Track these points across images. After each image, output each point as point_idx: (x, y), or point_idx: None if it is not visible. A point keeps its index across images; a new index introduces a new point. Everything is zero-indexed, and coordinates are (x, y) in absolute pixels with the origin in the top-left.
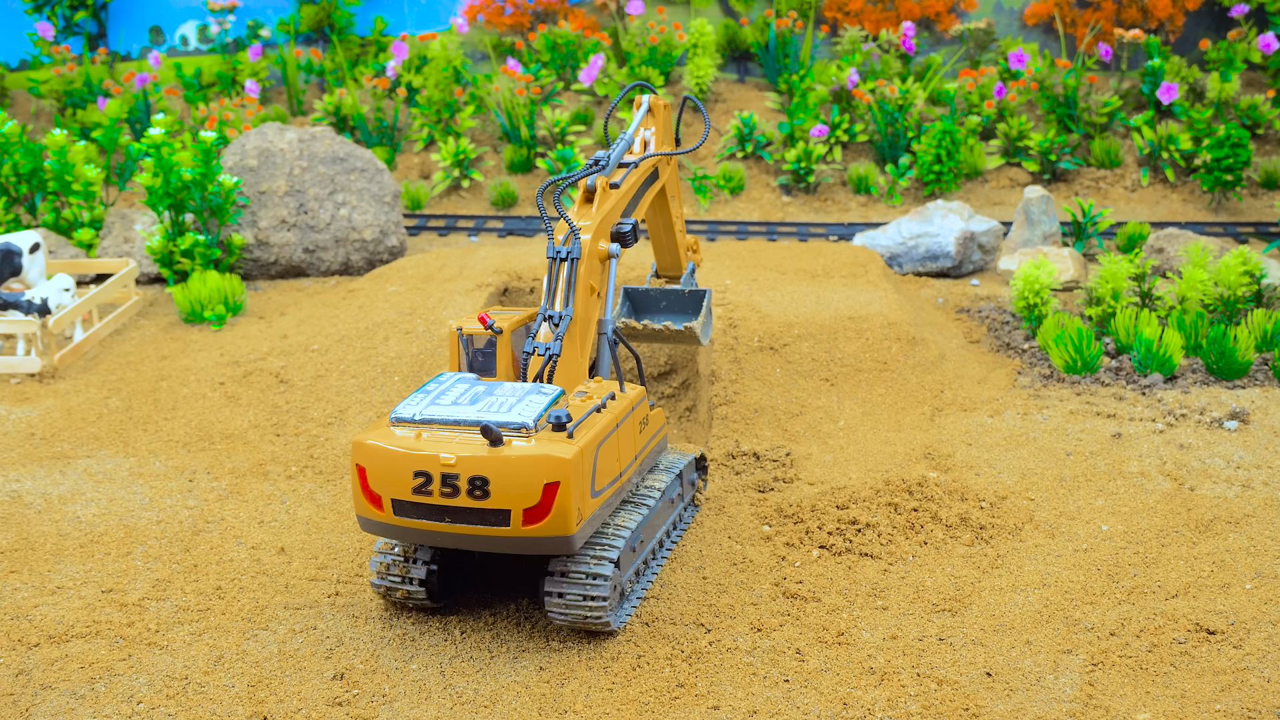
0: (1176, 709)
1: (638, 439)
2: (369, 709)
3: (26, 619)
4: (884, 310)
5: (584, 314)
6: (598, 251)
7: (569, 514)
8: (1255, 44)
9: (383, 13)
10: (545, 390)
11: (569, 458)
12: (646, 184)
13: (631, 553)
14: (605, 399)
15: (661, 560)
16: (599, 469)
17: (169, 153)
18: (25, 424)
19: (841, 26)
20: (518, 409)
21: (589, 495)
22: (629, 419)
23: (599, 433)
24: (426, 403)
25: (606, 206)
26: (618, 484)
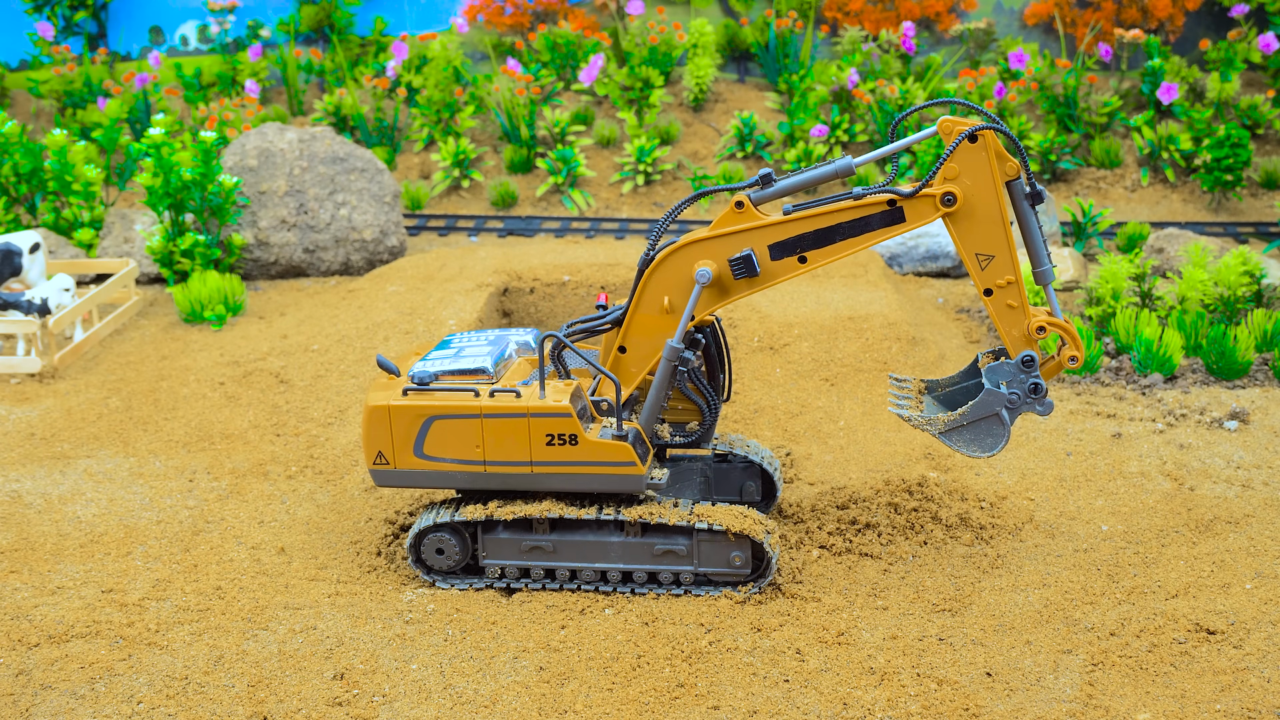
0: (1176, 709)
1: (526, 445)
2: (369, 709)
3: (26, 619)
4: (884, 310)
5: (640, 321)
6: (679, 265)
7: (372, 450)
8: (1255, 44)
9: (383, 13)
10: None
11: (379, 405)
12: (848, 230)
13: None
14: (513, 387)
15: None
16: (432, 438)
17: (169, 153)
18: (25, 424)
19: (841, 26)
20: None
21: (410, 453)
22: (511, 419)
23: (442, 405)
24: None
25: (729, 228)
26: (465, 467)
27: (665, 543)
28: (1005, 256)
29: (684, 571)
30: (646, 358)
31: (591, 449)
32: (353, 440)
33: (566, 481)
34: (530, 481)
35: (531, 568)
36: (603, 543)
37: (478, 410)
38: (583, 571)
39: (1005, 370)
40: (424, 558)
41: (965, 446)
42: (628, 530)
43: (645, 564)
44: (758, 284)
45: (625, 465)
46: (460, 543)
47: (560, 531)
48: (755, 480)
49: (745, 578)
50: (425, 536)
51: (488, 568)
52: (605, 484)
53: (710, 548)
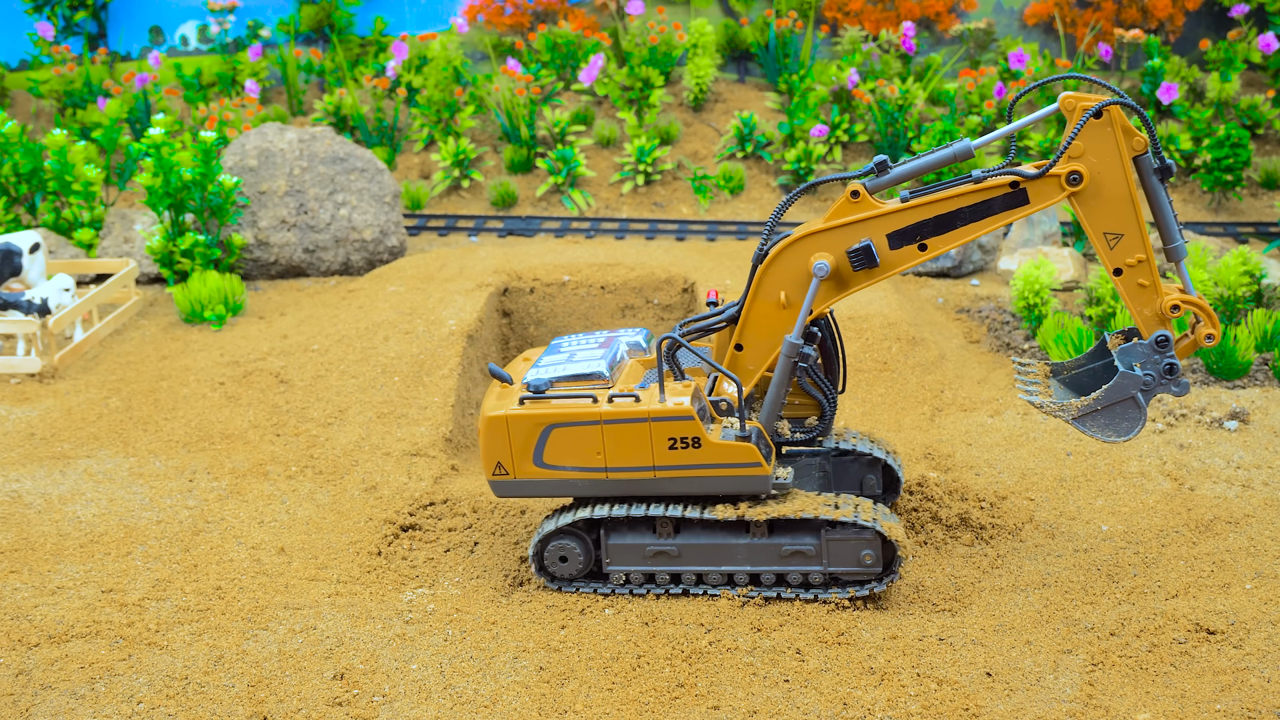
0: (1176, 709)
1: (648, 450)
2: (369, 709)
3: (26, 619)
4: (884, 310)
5: (756, 317)
6: (795, 259)
7: (490, 461)
8: (1255, 44)
9: (383, 13)
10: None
11: (497, 415)
12: (969, 214)
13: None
14: (631, 392)
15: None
16: (552, 446)
17: (169, 153)
18: (25, 424)
19: (841, 26)
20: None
21: (529, 462)
22: (630, 424)
23: (561, 413)
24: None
25: (846, 218)
26: (586, 474)
27: (793, 543)
28: (1135, 234)
29: (813, 572)
30: (764, 355)
31: (715, 451)
32: (353, 440)
33: (690, 485)
34: (653, 486)
35: (656, 573)
36: (729, 545)
37: (597, 417)
38: (709, 575)
39: (1138, 351)
40: (547, 565)
41: (1100, 431)
42: (754, 532)
43: (773, 565)
44: (877, 274)
45: (750, 466)
46: (583, 549)
47: (685, 535)
48: (876, 474)
49: (875, 576)
50: (548, 544)
51: (611, 574)
52: (730, 486)
53: (840, 547)
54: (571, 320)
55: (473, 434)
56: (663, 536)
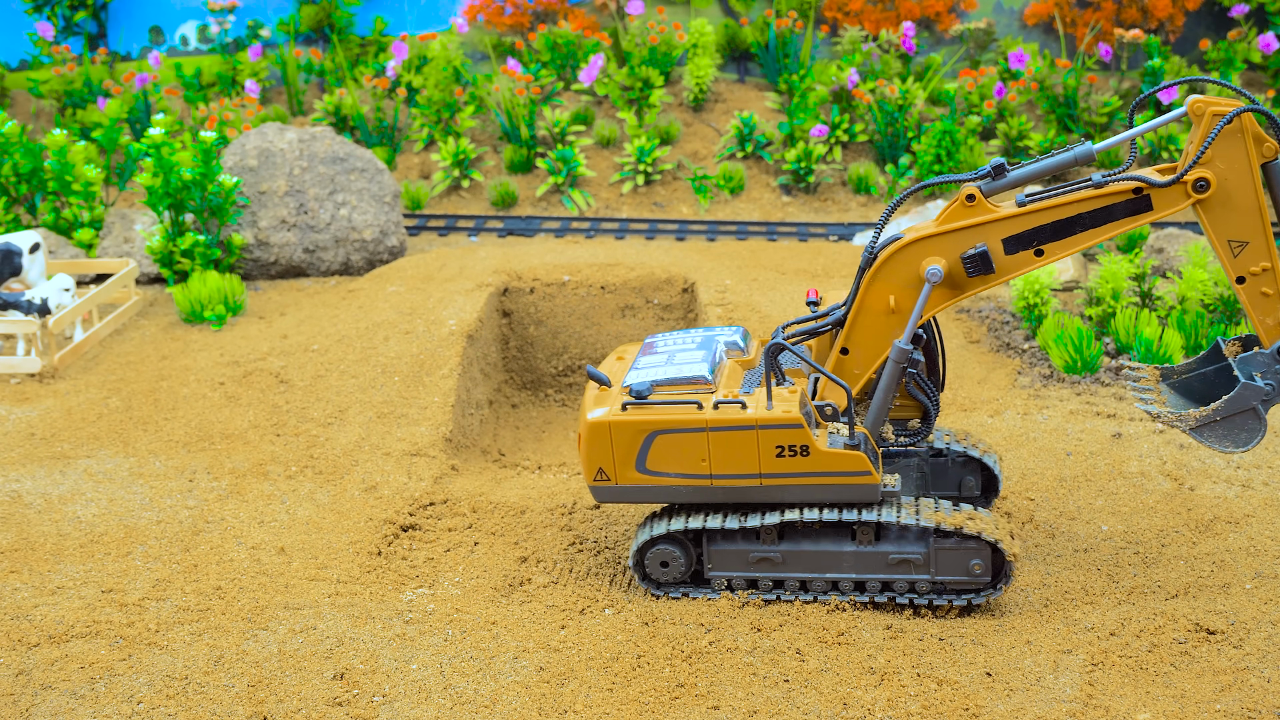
0: (1176, 709)
1: (755, 457)
2: (369, 709)
3: (26, 619)
4: None
5: (863, 322)
6: (905, 263)
7: (591, 467)
8: (1255, 44)
9: (383, 13)
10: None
11: (600, 420)
12: (1090, 220)
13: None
14: (734, 397)
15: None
16: (656, 452)
17: (169, 153)
18: (25, 424)
19: (841, 26)
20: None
21: (632, 468)
22: (737, 432)
23: (665, 420)
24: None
25: (960, 223)
26: (690, 481)
27: (900, 551)
28: (1260, 242)
29: (920, 581)
30: (870, 359)
31: (824, 459)
32: (353, 440)
33: (797, 493)
34: (759, 494)
35: (759, 579)
36: (834, 552)
37: (703, 424)
38: (813, 582)
39: (1259, 361)
40: (648, 571)
41: (1218, 442)
42: (860, 539)
43: (879, 574)
44: (991, 280)
45: (860, 475)
46: (685, 555)
47: (789, 541)
48: (974, 475)
49: (984, 586)
50: (649, 549)
51: (713, 579)
52: (838, 494)
53: (949, 556)
54: (571, 320)
55: (473, 434)
56: (766, 543)
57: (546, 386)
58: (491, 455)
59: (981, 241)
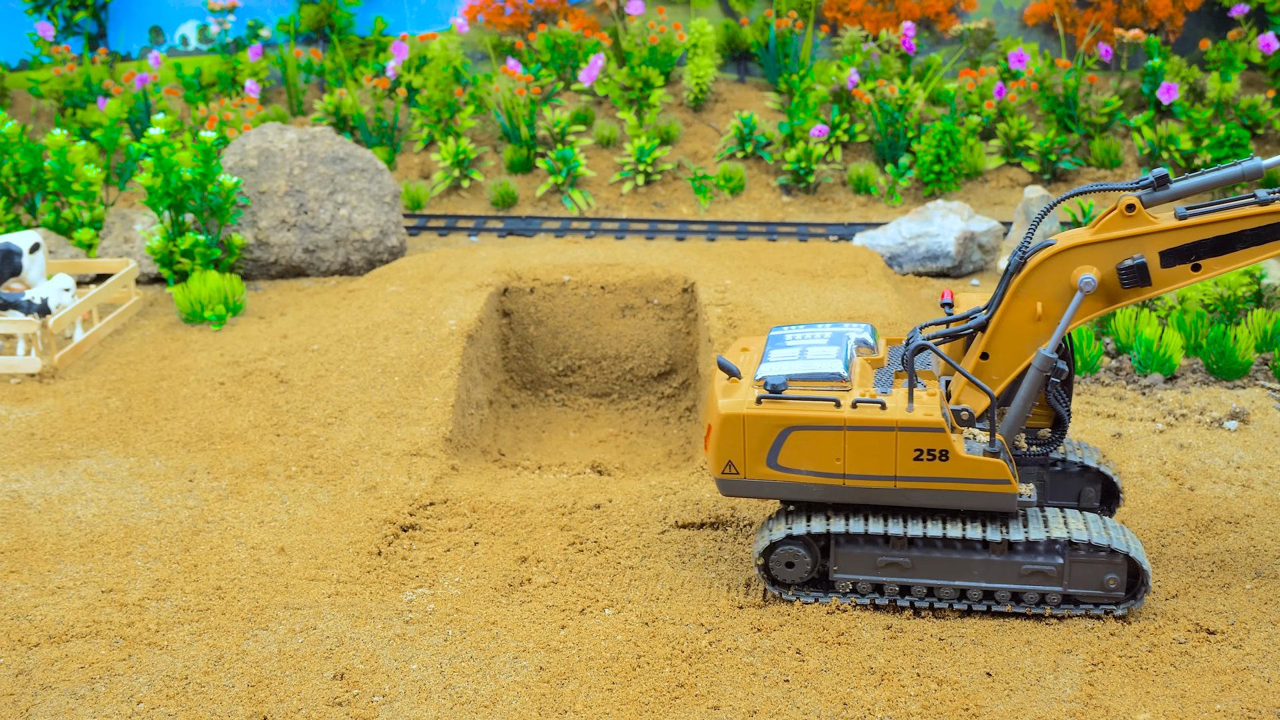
0: (1176, 709)
1: (891, 459)
2: (369, 709)
3: (26, 619)
4: (884, 310)
5: (1007, 327)
6: (1057, 271)
7: (721, 459)
8: (1255, 44)
9: (383, 13)
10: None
11: (734, 412)
12: (1251, 237)
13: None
14: (873, 396)
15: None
16: (788, 449)
17: (169, 153)
18: (25, 424)
19: (841, 26)
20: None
21: (762, 463)
22: (875, 432)
23: (801, 416)
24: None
25: (1119, 232)
26: (821, 479)
27: (1034, 562)
28: None
29: (1051, 592)
30: (1011, 366)
31: (963, 465)
32: (353, 440)
33: (932, 498)
34: (893, 497)
35: (885, 584)
36: (965, 560)
37: (840, 422)
38: (940, 590)
39: None
40: (772, 571)
41: None
42: (993, 548)
43: (1010, 584)
44: (1145, 293)
45: (999, 483)
46: (811, 556)
47: (919, 547)
48: (1094, 486)
49: (1117, 601)
50: (775, 549)
51: (838, 582)
52: (975, 502)
53: (1084, 569)
54: (571, 320)
55: (473, 434)
56: (896, 547)
57: (546, 386)
58: (491, 455)
59: (1139, 253)
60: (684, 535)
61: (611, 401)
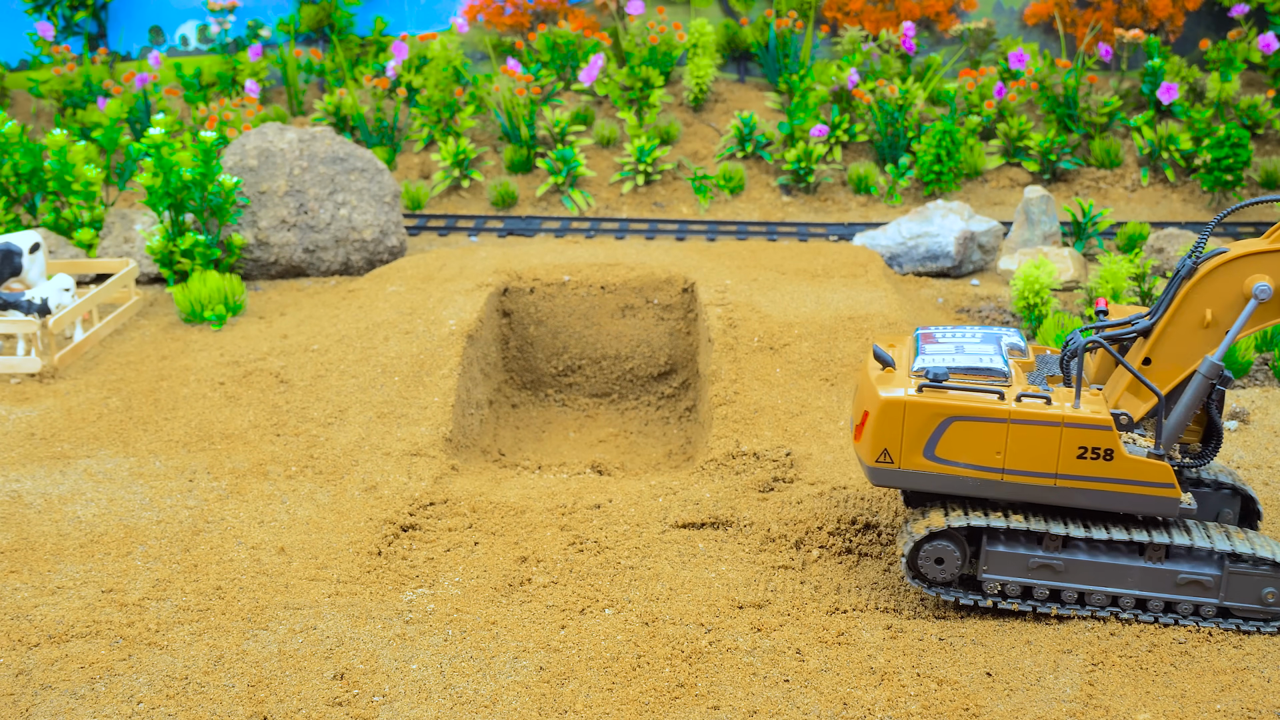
0: (1176, 709)
1: (1054, 456)
2: (369, 709)
3: (26, 619)
4: (884, 310)
5: (1173, 333)
6: (1229, 279)
7: (876, 447)
8: (1255, 44)
9: (383, 13)
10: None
11: (895, 398)
12: None
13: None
14: (1036, 393)
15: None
16: (948, 439)
17: (169, 153)
18: (25, 424)
19: (841, 26)
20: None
21: (919, 453)
22: (1039, 427)
23: (964, 406)
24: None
25: None
26: (979, 473)
27: (1192, 572)
28: None
29: (1206, 604)
30: (1175, 372)
31: (1127, 466)
32: (353, 440)
33: (1093, 499)
34: (1051, 495)
35: (1035, 587)
36: (1120, 566)
37: (1005, 415)
38: (1092, 595)
39: None
40: (920, 567)
41: None
42: (1150, 555)
43: (1164, 593)
44: None
45: (1163, 487)
46: (961, 553)
47: (1073, 550)
48: (1232, 505)
49: (1275, 615)
50: (925, 545)
51: (986, 583)
52: (1136, 505)
53: (1243, 581)
54: (571, 320)
55: (473, 434)
56: (1049, 549)
57: (546, 386)
58: (491, 455)
59: None
60: (684, 535)
61: (611, 401)
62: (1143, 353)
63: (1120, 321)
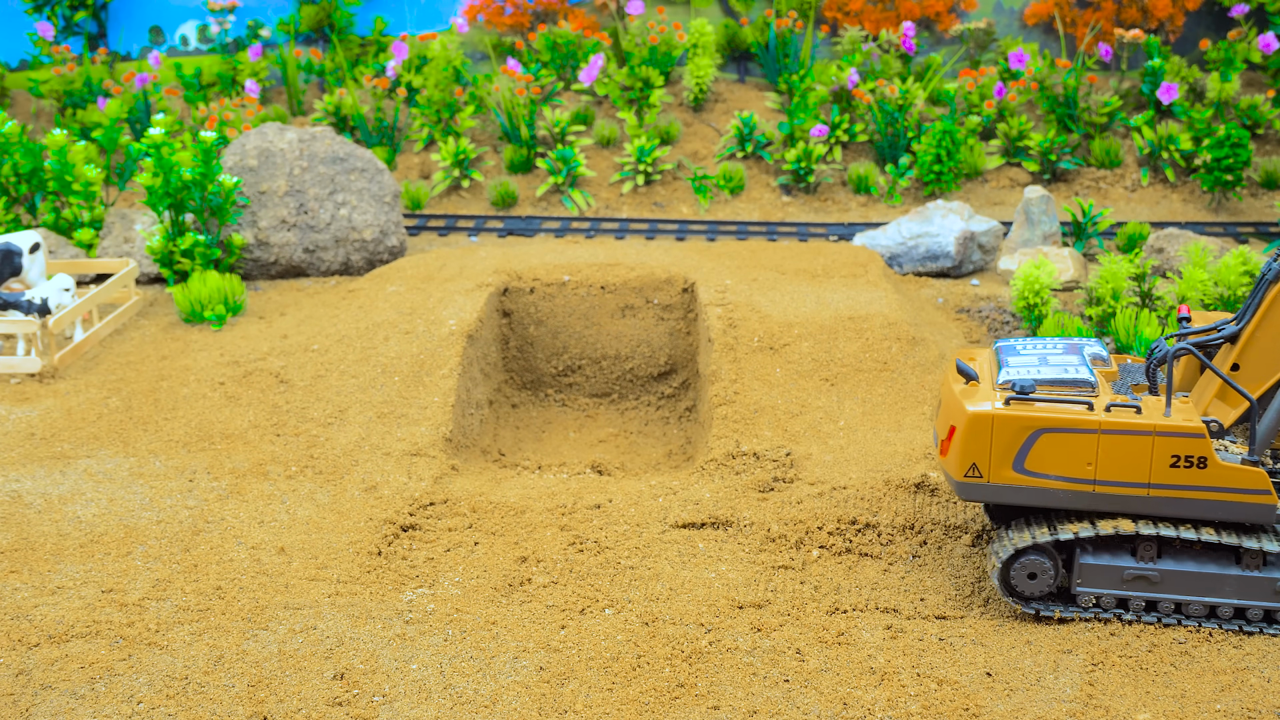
0: (1176, 709)
1: (1146, 466)
2: (369, 709)
3: (26, 619)
4: (884, 310)
5: (1261, 339)
6: None
7: (965, 462)
8: (1255, 44)
9: (383, 13)
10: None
11: (983, 412)
12: None
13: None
14: (1127, 402)
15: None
16: (1037, 452)
17: (169, 153)
18: (25, 424)
19: (841, 26)
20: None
21: (1008, 467)
22: (1131, 437)
23: (1053, 418)
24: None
25: None
26: (1070, 485)
27: None
28: None
29: None
30: (1263, 378)
31: (1222, 474)
32: (353, 440)
33: (1187, 508)
34: (1145, 505)
35: (1131, 598)
36: (1217, 575)
37: (1095, 425)
38: (1189, 606)
39: None
40: (1013, 583)
41: None
42: (1247, 563)
43: (1263, 601)
44: None
45: (1260, 494)
46: (1054, 567)
47: (1168, 559)
48: None
49: None
50: (1017, 559)
51: (1081, 596)
52: (1232, 513)
53: None
54: (571, 320)
55: (473, 434)
56: (1143, 560)
57: (546, 386)
58: (491, 455)
59: None
60: (684, 535)
61: (611, 401)
62: (1231, 358)
63: (1206, 328)
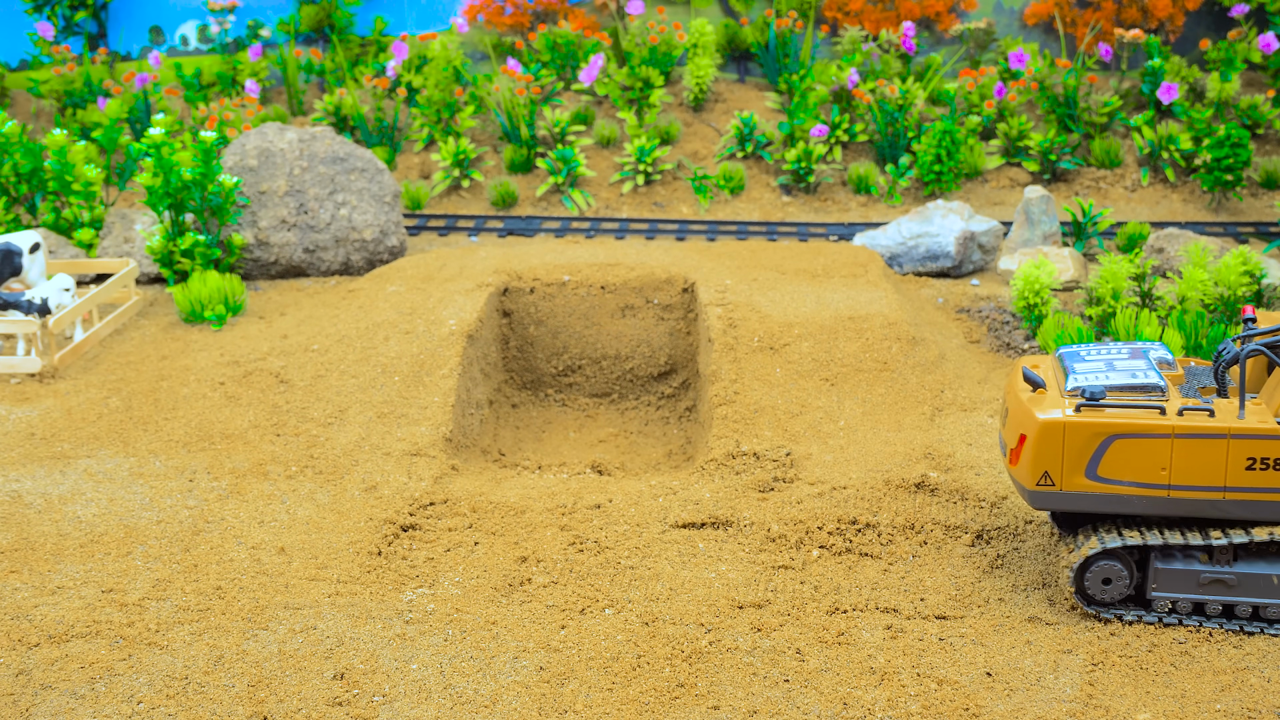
0: (1176, 709)
1: (1222, 469)
2: (369, 709)
3: (26, 619)
4: (884, 310)
5: None
6: None
7: (1036, 470)
8: (1255, 44)
9: (383, 13)
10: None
11: (1054, 420)
12: None
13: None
14: (1198, 406)
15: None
16: (1110, 458)
17: (169, 153)
18: (25, 424)
19: (841, 26)
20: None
21: (1080, 474)
22: (1206, 440)
23: (1125, 424)
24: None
25: None
26: (1145, 491)
27: None
28: None
29: None
30: None
31: None
32: (353, 440)
33: (1265, 510)
34: (1220, 509)
35: (1207, 603)
36: None
37: (1168, 430)
38: (1267, 609)
39: None
40: (1088, 589)
41: None
42: None
43: None
44: None
45: None
46: (1129, 572)
47: (1244, 563)
48: None
49: None
50: (1091, 565)
51: (1156, 601)
52: None
53: None
54: (571, 320)
55: (473, 434)
56: (1220, 564)
57: (546, 386)
58: (491, 455)
59: None
60: (684, 535)
61: (611, 401)
62: None
63: (1274, 328)
